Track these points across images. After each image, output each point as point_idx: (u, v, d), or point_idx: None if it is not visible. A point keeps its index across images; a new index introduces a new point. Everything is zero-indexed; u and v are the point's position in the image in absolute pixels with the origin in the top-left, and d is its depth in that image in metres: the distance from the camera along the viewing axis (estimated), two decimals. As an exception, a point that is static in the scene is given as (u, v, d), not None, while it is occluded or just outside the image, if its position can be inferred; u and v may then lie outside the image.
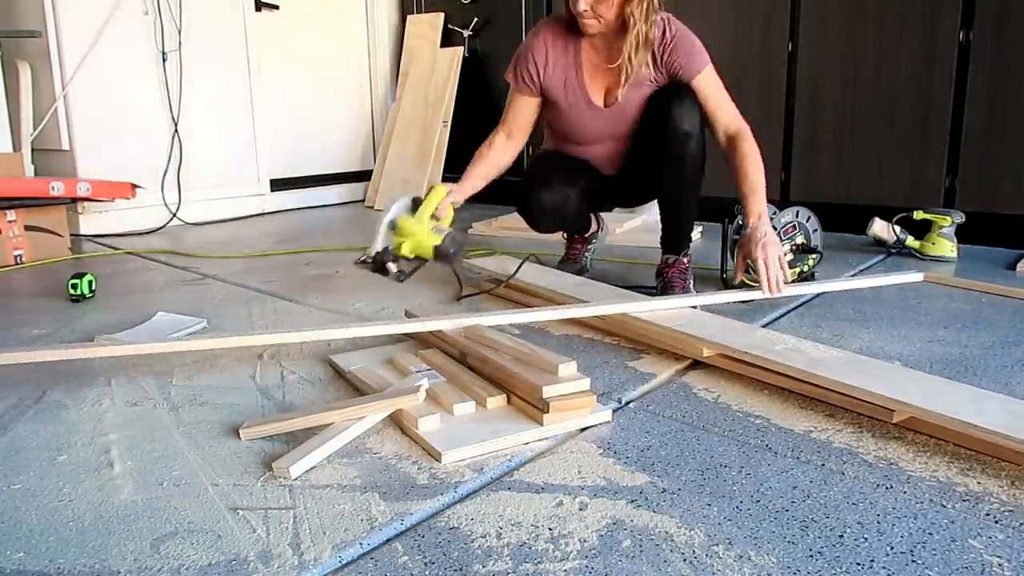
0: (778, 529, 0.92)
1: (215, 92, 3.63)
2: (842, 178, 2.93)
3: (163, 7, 3.35)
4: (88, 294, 2.10)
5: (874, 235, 2.60)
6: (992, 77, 2.56)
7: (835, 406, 1.27)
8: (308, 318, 1.89)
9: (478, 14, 4.05)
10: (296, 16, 4.04)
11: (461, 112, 3.97)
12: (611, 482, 1.04)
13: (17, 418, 1.30)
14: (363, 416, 1.19)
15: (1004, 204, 2.60)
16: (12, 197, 2.65)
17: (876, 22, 2.77)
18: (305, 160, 4.20)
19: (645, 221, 3.18)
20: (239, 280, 2.35)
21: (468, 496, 1.02)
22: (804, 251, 2.08)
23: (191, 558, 0.88)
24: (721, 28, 3.12)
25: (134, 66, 3.32)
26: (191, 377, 1.48)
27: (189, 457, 1.14)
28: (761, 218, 1.77)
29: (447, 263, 1.77)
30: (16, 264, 2.65)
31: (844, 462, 1.09)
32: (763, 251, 1.73)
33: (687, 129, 1.83)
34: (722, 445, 1.15)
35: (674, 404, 1.31)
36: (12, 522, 0.96)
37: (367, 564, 0.87)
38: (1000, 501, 0.97)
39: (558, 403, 1.18)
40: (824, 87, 2.93)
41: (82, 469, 1.11)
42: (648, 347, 1.60)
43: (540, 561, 0.86)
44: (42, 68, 3.11)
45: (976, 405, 1.13)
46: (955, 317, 1.79)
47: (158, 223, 3.44)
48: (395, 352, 1.53)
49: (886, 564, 0.85)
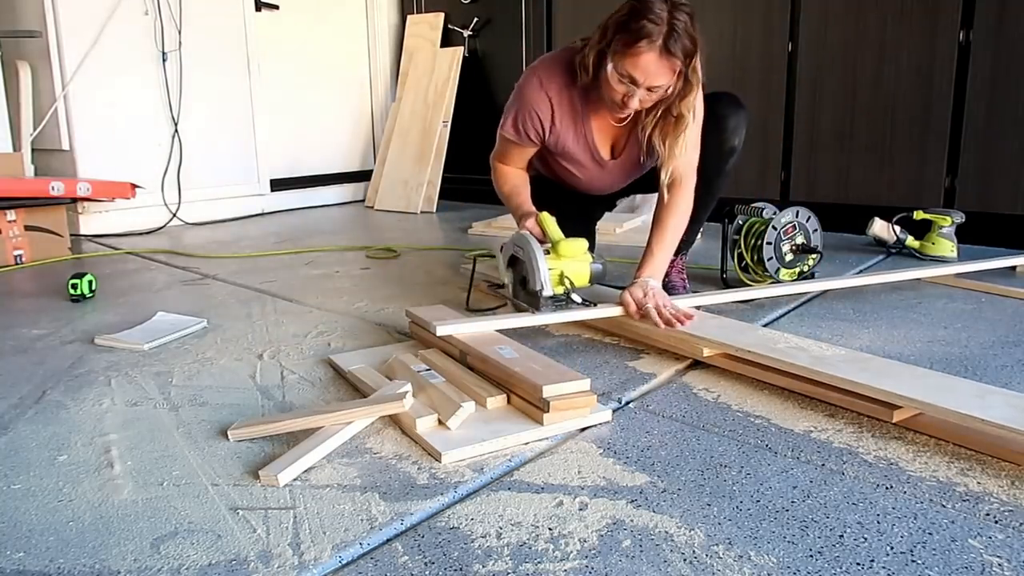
0: (778, 529, 0.92)
1: (215, 92, 3.63)
2: (842, 178, 2.93)
3: (163, 7, 3.35)
4: (88, 294, 2.10)
5: (874, 235, 2.60)
6: (992, 77, 2.56)
7: (835, 406, 1.27)
8: (308, 318, 1.89)
9: (478, 14, 4.05)
10: (296, 16, 4.04)
11: (461, 112, 3.97)
12: (611, 482, 1.04)
13: (17, 418, 1.30)
14: (351, 421, 1.19)
15: (1004, 204, 2.60)
16: (12, 197, 2.65)
17: (876, 22, 2.77)
18: (305, 160, 4.20)
19: (645, 221, 3.18)
20: (239, 280, 2.35)
21: (468, 496, 1.02)
22: (804, 251, 2.08)
23: (191, 558, 0.88)
24: (721, 28, 3.12)
25: (134, 66, 3.32)
26: (191, 377, 1.48)
27: (189, 457, 1.13)
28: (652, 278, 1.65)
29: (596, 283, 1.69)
30: (16, 264, 2.65)
31: (844, 462, 1.09)
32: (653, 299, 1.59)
33: (735, 144, 1.80)
34: (722, 445, 1.15)
35: (674, 404, 1.31)
36: (12, 522, 0.96)
37: (367, 564, 0.87)
38: (1000, 501, 0.97)
39: (558, 403, 1.18)
40: (824, 87, 2.93)
41: (82, 469, 1.10)
42: (648, 347, 1.60)
43: (540, 561, 0.86)
44: (42, 68, 3.11)
45: (981, 400, 1.13)
46: (955, 317, 1.79)
47: (158, 223, 3.44)
48: (395, 352, 1.53)
49: (886, 564, 0.84)
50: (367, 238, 3.14)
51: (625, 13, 1.50)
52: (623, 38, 1.48)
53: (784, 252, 2.06)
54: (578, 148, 1.79)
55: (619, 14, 1.51)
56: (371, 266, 2.54)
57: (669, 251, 1.71)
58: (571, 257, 1.64)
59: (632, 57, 1.49)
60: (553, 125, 1.74)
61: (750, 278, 2.09)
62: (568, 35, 3.66)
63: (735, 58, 3.06)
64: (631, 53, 1.48)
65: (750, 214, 2.11)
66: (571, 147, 1.79)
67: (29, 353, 1.65)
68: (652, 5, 1.47)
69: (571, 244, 1.64)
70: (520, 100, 1.73)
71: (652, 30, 1.46)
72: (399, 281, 2.30)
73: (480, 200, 4.03)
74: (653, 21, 1.46)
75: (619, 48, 1.50)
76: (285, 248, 2.92)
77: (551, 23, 3.77)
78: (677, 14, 1.47)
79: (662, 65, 1.50)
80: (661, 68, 1.50)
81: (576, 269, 1.65)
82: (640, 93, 1.54)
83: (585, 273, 1.66)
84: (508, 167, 1.88)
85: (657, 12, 1.46)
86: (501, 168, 1.89)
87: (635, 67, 1.50)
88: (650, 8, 1.46)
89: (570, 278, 1.63)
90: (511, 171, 1.88)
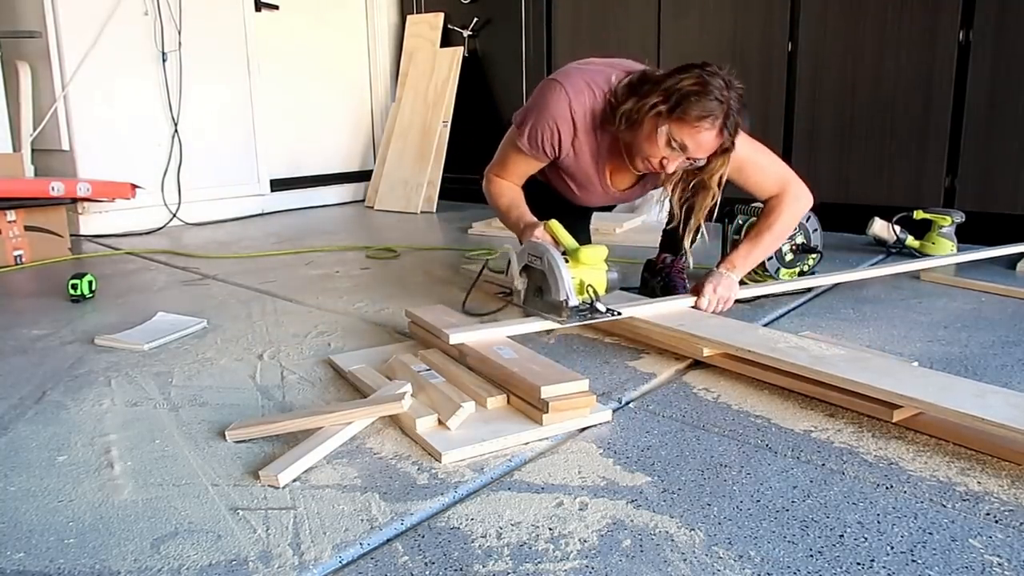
0: (778, 529, 0.92)
1: (215, 92, 3.64)
2: (842, 178, 2.93)
3: (163, 7, 3.35)
4: (88, 294, 2.10)
5: (874, 235, 2.60)
6: (992, 77, 2.56)
7: (835, 406, 1.27)
8: (308, 318, 1.89)
9: (478, 14, 4.05)
10: (296, 16, 4.04)
11: (461, 112, 3.97)
12: (611, 482, 1.04)
13: (17, 418, 1.30)
14: (350, 422, 1.19)
15: (1004, 204, 2.60)
16: (12, 197, 2.65)
17: (876, 22, 2.77)
18: (305, 160, 4.20)
19: (645, 221, 3.18)
20: (239, 280, 2.35)
21: (468, 496, 1.02)
22: (804, 251, 2.08)
23: (191, 558, 0.88)
24: (721, 28, 3.13)
25: (134, 66, 3.32)
26: (191, 377, 1.48)
27: (189, 457, 1.13)
28: (733, 270, 1.75)
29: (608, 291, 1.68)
30: (16, 264, 2.65)
31: (844, 462, 1.09)
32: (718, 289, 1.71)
33: None
34: (722, 445, 1.15)
35: (674, 404, 1.31)
36: (12, 522, 0.96)
37: (367, 564, 0.87)
38: (1000, 501, 0.97)
39: (557, 403, 1.18)
40: (824, 87, 2.93)
41: (82, 469, 1.10)
42: (648, 347, 1.60)
43: (540, 561, 0.86)
44: (42, 68, 3.11)
45: (981, 400, 1.13)
46: (955, 317, 1.79)
47: (158, 223, 3.44)
48: (395, 352, 1.53)
49: (886, 564, 0.84)
50: (367, 238, 3.14)
51: (693, 84, 1.52)
52: (690, 110, 1.51)
53: (784, 252, 2.06)
54: (588, 177, 1.79)
55: (686, 82, 1.52)
56: (371, 266, 2.54)
57: (756, 252, 1.77)
58: (591, 265, 1.62)
59: (694, 130, 1.53)
60: (572, 150, 1.73)
61: (750, 278, 2.08)
62: (568, 35, 3.66)
63: (735, 58, 3.06)
64: (695, 126, 1.53)
65: (750, 214, 2.11)
66: (581, 174, 1.79)
67: (29, 353, 1.65)
68: (715, 82, 1.52)
69: (591, 251, 1.62)
70: (544, 114, 1.67)
71: (716, 109, 1.51)
72: (399, 281, 2.30)
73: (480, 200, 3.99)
74: (719, 100, 1.51)
75: (683, 117, 1.52)
76: (285, 248, 2.92)
77: (551, 23, 3.76)
78: (733, 94, 1.54)
79: (715, 143, 1.57)
80: (713, 145, 1.58)
81: (596, 277, 1.63)
82: (681, 160, 1.59)
83: (603, 281, 1.63)
84: (504, 181, 1.86)
85: (721, 90, 1.52)
86: (496, 182, 1.87)
87: (692, 139, 1.55)
88: (717, 86, 1.52)
89: (593, 286, 1.61)
90: (507, 185, 1.86)
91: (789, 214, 1.77)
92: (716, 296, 1.71)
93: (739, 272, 1.76)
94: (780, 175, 1.78)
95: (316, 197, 4.22)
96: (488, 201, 1.91)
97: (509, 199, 1.84)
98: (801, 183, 1.78)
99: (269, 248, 2.94)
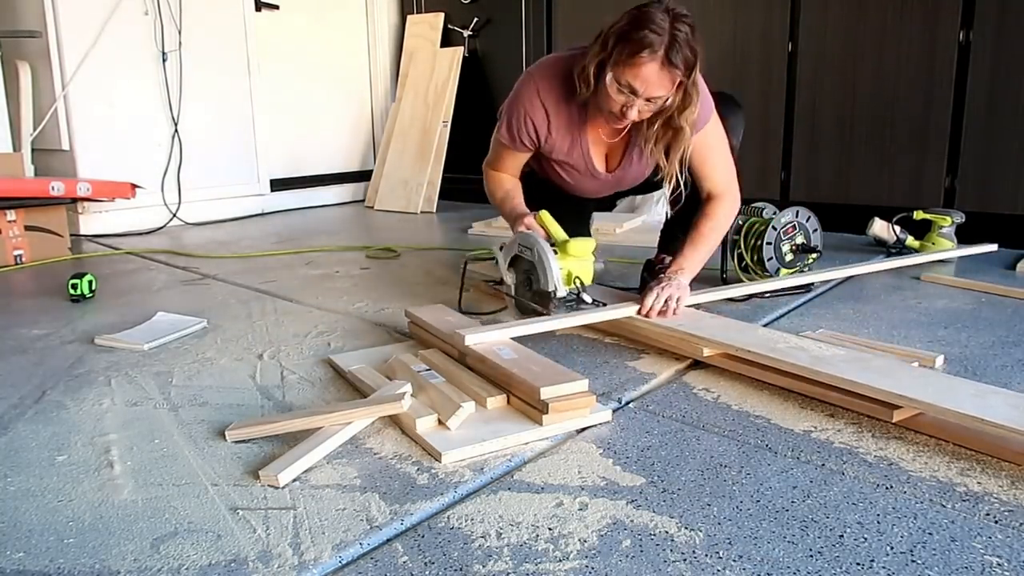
0: (778, 529, 0.92)
1: (215, 92, 3.64)
2: (842, 178, 2.93)
3: (163, 7, 3.35)
4: (88, 294, 2.10)
5: (874, 235, 2.60)
6: (992, 77, 2.56)
7: (835, 406, 1.27)
8: (308, 318, 1.89)
9: (478, 14, 4.05)
10: (296, 16, 4.04)
11: (461, 112, 3.97)
12: (611, 482, 1.04)
13: (17, 418, 1.30)
14: (350, 422, 1.19)
15: (1004, 204, 2.60)
16: (12, 197, 2.65)
17: (876, 22, 2.77)
18: (305, 160, 4.20)
19: (645, 221, 3.18)
20: (239, 280, 2.35)
21: (468, 496, 1.02)
22: (804, 251, 2.08)
23: (191, 558, 0.88)
24: (721, 28, 3.12)
25: (134, 66, 3.32)
26: (191, 377, 1.48)
27: (189, 457, 1.13)
28: (682, 272, 1.68)
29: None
30: (16, 264, 2.65)
31: (844, 462, 1.09)
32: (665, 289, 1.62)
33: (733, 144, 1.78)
34: (722, 445, 1.15)
35: (674, 404, 1.31)
36: (12, 522, 0.96)
37: (367, 564, 0.87)
38: (1000, 501, 0.97)
39: (556, 404, 1.18)
40: (824, 87, 2.93)
41: (82, 469, 1.10)
42: (648, 347, 1.60)
43: (540, 561, 0.86)
44: (42, 68, 3.11)
45: (981, 400, 1.13)
46: (955, 317, 1.79)
47: (158, 223, 3.44)
48: (395, 352, 1.53)
49: (886, 564, 0.84)
50: (367, 238, 3.14)
51: (626, 23, 1.48)
52: (624, 48, 1.47)
53: (784, 252, 2.06)
54: (572, 159, 1.79)
55: (619, 24, 1.49)
56: (371, 266, 2.54)
57: (702, 251, 1.72)
58: (579, 256, 1.64)
59: (633, 67, 1.48)
60: (549, 134, 1.73)
61: (750, 278, 2.09)
62: (568, 35, 3.66)
63: (735, 58, 3.06)
64: (632, 63, 1.47)
65: (750, 214, 2.11)
66: (565, 157, 1.79)
67: (29, 353, 1.65)
68: (653, 15, 1.45)
69: (580, 243, 1.64)
70: (516, 106, 1.72)
71: (654, 40, 1.44)
72: (399, 281, 2.30)
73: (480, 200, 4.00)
74: (655, 31, 1.44)
75: (620, 58, 1.48)
76: (285, 248, 2.92)
77: (551, 23, 3.77)
78: (679, 25, 1.45)
79: (663, 76, 1.49)
80: (662, 79, 1.49)
81: (583, 268, 1.64)
82: (639, 103, 1.53)
83: (590, 272, 1.66)
84: (501, 174, 1.88)
85: (659, 22, 1.45)
86: (494, 175, 1.89)
87: (635, 77, 1.49)
88: (651, 18, 1.45)
89: (580, 277, 1.63)
90: (504, 177, 1.88)
91: (727, 217, 1.76)
92: (661, 300, 1.61)
93: (688, 275, 1.69)
94: (731, 176, 1.76)
95: (316, 197, 4.22)
96: (486, 193, 1.94)
97: (504, 191, 1.86)
98: (738, 189, 1.78)
99: (269, 248, 2.94)
